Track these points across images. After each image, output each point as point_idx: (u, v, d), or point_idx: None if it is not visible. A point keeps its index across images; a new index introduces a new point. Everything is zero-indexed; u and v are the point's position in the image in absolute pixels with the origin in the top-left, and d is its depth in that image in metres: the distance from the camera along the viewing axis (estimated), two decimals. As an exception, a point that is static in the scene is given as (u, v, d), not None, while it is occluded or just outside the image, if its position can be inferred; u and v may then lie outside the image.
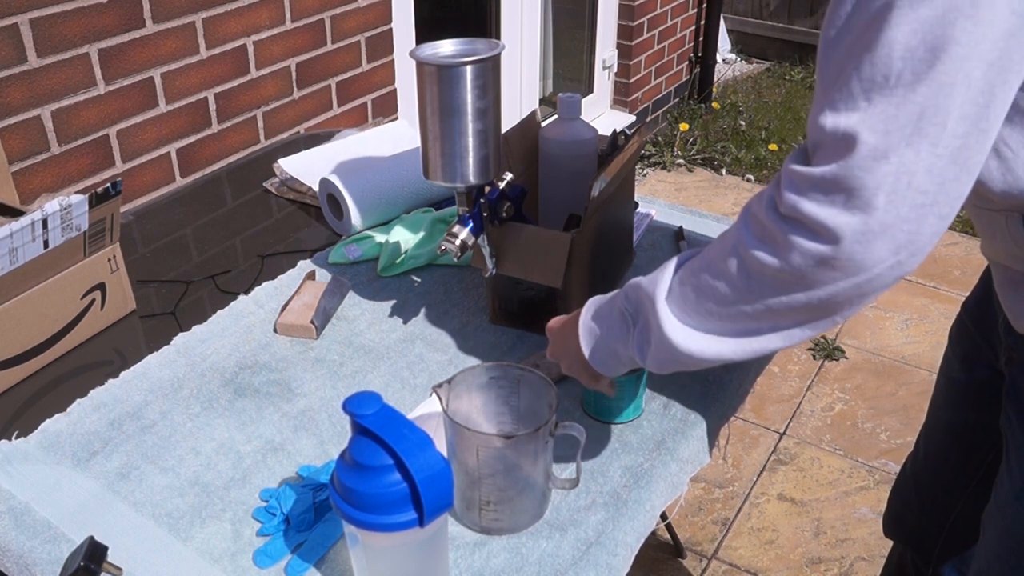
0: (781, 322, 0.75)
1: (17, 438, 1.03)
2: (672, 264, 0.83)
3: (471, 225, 1.10)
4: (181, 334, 1.20)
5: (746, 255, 0.73)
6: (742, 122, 3.92)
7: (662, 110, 3.92)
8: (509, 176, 1.13)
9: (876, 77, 0.65)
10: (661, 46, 3.73)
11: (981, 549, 1.06)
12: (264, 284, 1.31)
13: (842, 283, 0.69)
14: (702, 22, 3.92)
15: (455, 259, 1.09)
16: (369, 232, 1.42)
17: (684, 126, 3.84)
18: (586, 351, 0.89)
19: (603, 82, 3.60)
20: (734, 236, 0.76)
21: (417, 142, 1.53)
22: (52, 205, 1.08)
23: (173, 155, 1.90)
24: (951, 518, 1.24)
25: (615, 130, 1.31)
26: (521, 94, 3.20)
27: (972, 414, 1.17)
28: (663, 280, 0.81)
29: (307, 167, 1.57)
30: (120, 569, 0.85)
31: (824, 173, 0.67)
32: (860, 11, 0.66)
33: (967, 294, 1.18)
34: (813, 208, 0.68)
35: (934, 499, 1.26)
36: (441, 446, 0.87)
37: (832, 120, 0.67)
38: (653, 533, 1.95)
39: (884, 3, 0.64)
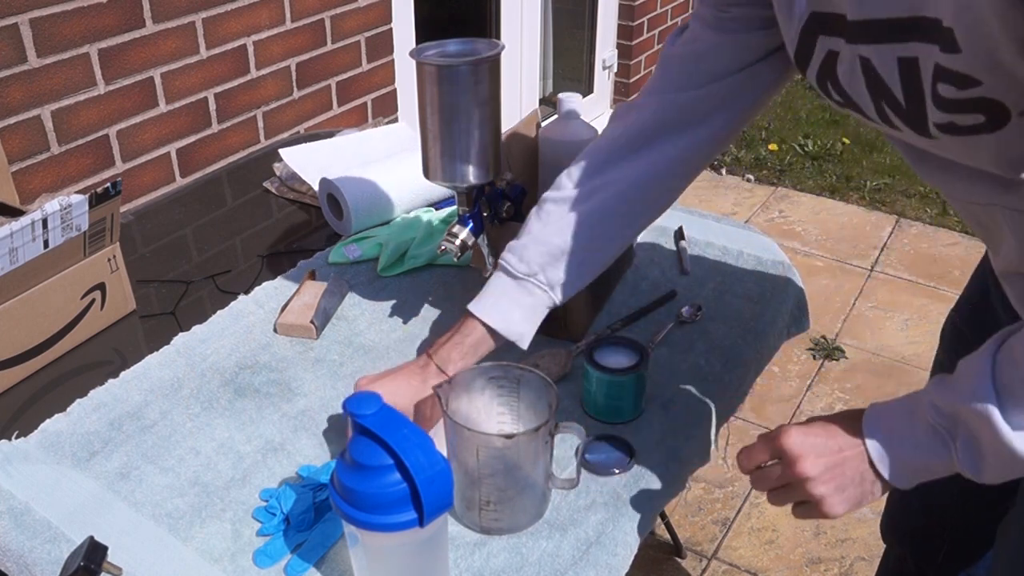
0: None
1: (17, 438, 1.03)
2: (984, 369, 0.73)
3: (471, 225, 1.10)
4: (181, 334, 1.20)
5: None
6: (742, 122, 3.92)
7: (662, 110, 3.92)
8: (509, 176, 1.13)
9: None
10: (661, 46, 3.73)
11: (1001, 554, 1.03)
12: (264, 284, 1.31)
13: None
14: (702, 22, 3.92)
15: (455, 259, 1.09)
16: (369, 232, 1.42)
17: (684, 126, 3.83)
18: (889, 475, 0.79)
19: (603, 82, 3.60)
20: None
21: (417, 144, 1.53)
22: (52, 205, 1.08)
23: (173, 155, 1.90)
24: (953, 521, 1.23)
25: (615, 130, 1.31)
26: (521, 94, 3.20)
27: None
28: (983, 388, 0.72)
29: (308, 160, 1.57)
30: (120, 569, 0.85)
31: None
32: None
33: (967, 295, 1.17)
34: None
35: (933, 503, 1.24)
36: (441, 446, 0.87)
37: None
38: (653, 533, 1.96)
39: None
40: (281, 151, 1.58)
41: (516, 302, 0.98)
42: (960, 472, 0.76)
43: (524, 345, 1.00)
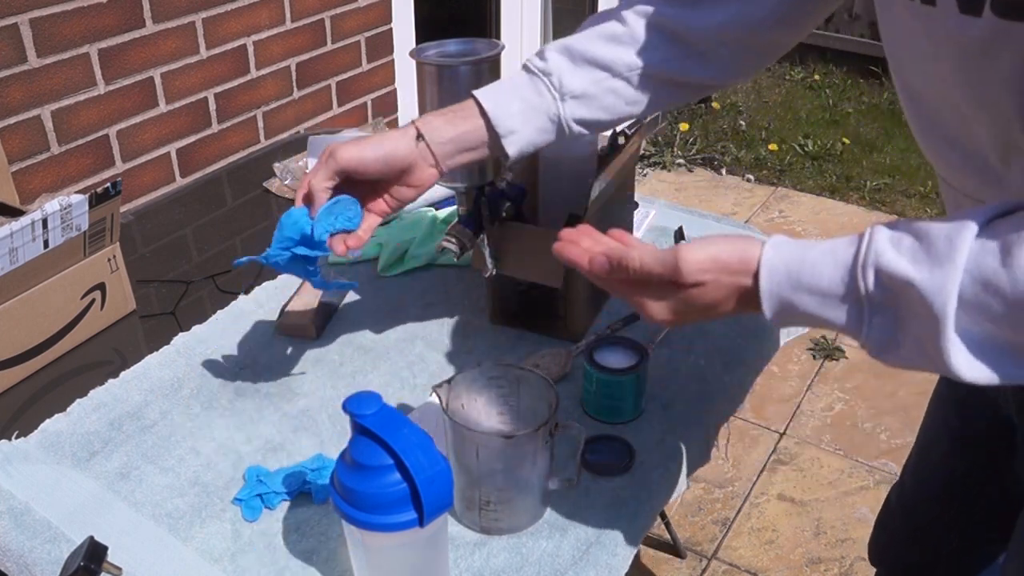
0: None
1: (17, 438, 1.03)
2: (960, 254, 0.60)
3: (471, 225, 1.10)
4: (181, 334, 1.20)
5: None
6: (742, 122, 3.92)
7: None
8: (509, 176, 1.13)
9: None
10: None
11: (1013, 560, 1.00)
12: (264, 284, 1.31)
13: None
14: (702, 22, 3.92)
15: (455, 259, 1.09)
16: (369, 232, 1.42)
17: (684, 126, 3.84)
18: (769, 313, 0.69)
19: (603, 82, 3.60)
20: None
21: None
22: (52, 205, 1.08)
23: (173, 155, 1.90)
24: (943, 554, 1.19)
25: (615, 130, 1.31)
26: (521, 94, 3.20)
27: (966, 459, 1.12)
28: (951, 281, 0.60)
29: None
30: (120, 569, 0.85)
31: None
32: None
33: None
34: None
35: (924, 534, 1.21)
36: (441, 446, 0.87)
37: None
38: (653, 533, 1.96)
39: None
40: (311, 138, 1.56)
41: (519, 95, 0.91)
42: (855, 339, 0.68)
43: (511, 149, 0.92)
